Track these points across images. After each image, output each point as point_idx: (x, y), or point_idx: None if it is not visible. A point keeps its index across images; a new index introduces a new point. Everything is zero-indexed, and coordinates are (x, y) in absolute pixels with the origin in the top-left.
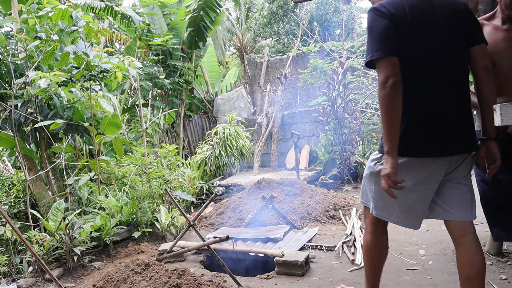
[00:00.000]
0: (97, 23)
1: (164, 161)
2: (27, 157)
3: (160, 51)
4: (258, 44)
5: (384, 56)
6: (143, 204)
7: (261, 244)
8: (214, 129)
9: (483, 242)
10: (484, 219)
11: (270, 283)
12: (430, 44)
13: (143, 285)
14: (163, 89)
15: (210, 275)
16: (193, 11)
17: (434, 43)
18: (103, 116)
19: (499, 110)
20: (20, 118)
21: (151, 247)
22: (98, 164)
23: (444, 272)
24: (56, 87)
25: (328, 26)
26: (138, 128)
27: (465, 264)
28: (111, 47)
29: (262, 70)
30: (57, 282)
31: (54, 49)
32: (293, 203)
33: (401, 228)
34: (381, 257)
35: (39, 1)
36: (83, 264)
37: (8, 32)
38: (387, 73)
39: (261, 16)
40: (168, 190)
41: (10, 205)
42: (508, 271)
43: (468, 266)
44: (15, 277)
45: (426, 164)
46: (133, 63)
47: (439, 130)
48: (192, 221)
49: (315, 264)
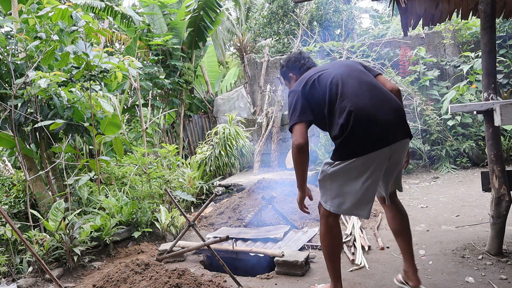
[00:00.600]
0: (97, 23)
1: (164, 161)
2: (27, 157)
3: (160, 51)
4: (258, 44)
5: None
6: (143, 204)
7: (261, 244)
8: (214, 129)
9: (483, 242)
10: (484, 219)
11: (270, 283)
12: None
13: (143, 285)
14: (163, 89)
15: (210, 275)
16: (193, 11)
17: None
18: (103, 116)
19: (499, 110)
20: (20, 118)
21: (151, 247)
22: (98, 164)
23: (444, 272)
24: (56, 87)
25: (328, 26)
26: (138, 128)
27: (392, 218)
28: (111, 47)
29: (262, 70)
30: (57, 282)
31: (54, 49)
32: (293, 203)
33: None
34: (335, 245)
35: (39, 1)
36: (83, 264)
37: (8, 32)
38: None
39: (261, 16)
40: (168, 190)
41: (10, 205)
42: (508, 271)
43: (396, 220)
44: (15, 277)
45: (372, 158)
46: (133, 63)
47: (375, 129)
48: (192, 221)
49: (315, 264)
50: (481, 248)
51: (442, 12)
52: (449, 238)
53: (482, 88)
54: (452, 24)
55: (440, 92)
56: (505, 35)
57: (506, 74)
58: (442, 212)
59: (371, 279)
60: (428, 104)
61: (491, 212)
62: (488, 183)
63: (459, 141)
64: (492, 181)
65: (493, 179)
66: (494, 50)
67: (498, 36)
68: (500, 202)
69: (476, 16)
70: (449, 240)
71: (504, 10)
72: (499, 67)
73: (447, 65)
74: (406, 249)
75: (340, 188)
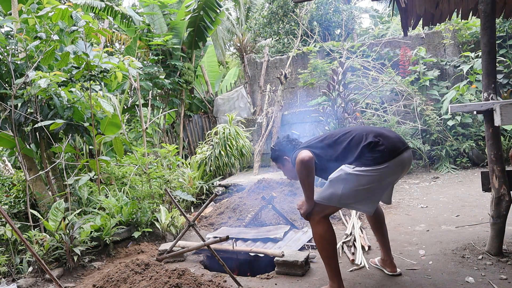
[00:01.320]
0: (97, 23)
1: (164, 161)
2: (27, 157)
3: (160, 51)
4: (258, 44)
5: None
6: (143, 204)
7: (261, 244)
8: (214, 129)
9: (483, 242)
10: (484, 219)
11: (270, 283)
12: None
13: (143, 285)
14: (163, 89)
15: (210, 275)
16: (193, 11)
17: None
18: (103, 116)
19: (499, 110)
20: (20, 118)
21: (151, 247)
22: (98, 164)
23: (444, 272)
24: (56, 87)
25: (328, 26)
26: (138, 128)
27: (376, 216)
28: (111, 47)
29: (262, 70)
30: (57, 282)
31: (54, 49)
32: (293, 203)
33: (401, 229)
34: (331, 247)
35: (39, 1)
36: (83, 264)
37: (8, 32)
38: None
39: (261, 16)
40: (168, 190)
41: (10, 205)
42: (508, 271)
43: (374, 217)
44: (15, 277)
45: (396, 162)
46: (133, 63)
47: (393, 142)
48: (192, 221)
49: (315, 264)
50: (481, 248)
51: (442, 12)
52: (449, 238)
53: (482, 88)
54: (452, 24)
55: (440, 92)
56: (505, 35)
57: (506, 74)
58: (442, 212)
59: (371, 279)
60: (428, 104)
61: (491, 212)
62: (488, 183)
63: (459, 141)
64: (492, 181)
65: (493, 179)
66: (494, 50)
67: (498, 36)
68: (500, 202)
69: (476, 16)
70: (449, 240)
71: (504, 10)
72: (499, 67)
73: (447, 65)
74: (383, 241)
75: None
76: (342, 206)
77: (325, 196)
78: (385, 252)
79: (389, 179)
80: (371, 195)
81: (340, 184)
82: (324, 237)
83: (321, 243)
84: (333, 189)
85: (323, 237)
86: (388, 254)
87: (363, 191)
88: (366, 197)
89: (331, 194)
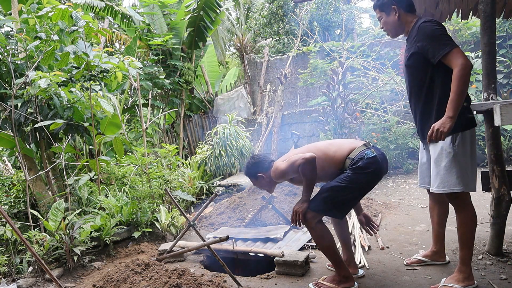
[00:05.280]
0: (97, 23)
1: (164, 161)
2: (27, 157)
3: (160, 51)
4: (258, 44)
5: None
6: (143, 204)
7: (261, 244)
8: (214, 129)
9: (483, 242)
10: (484, 219)
11: (270, 283)
12: None
13: (143, 285)
14: (163, 89)
15: (210, 275)
16: (193, 11)
17: None
18: (103, 116)
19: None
20: (20, 118)
21: (151, 247)
22: (98, 164)
23: (444, 272)
24: (56, 87)
25: (328, 26)
26: (138, 128)
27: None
28: (111, 47)
29: (262, 70)
30: (57, 282)
31: (54, 49)
32: (293, 203)
33: (401, 228)
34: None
35: (39, 1)
36: (83, 264)
37: (8, 32)
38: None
39: (261, 16)
40: (168, 190)
41: (10, 205)
42: (508, 271)
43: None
44: (15, 277)
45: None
46: (133, 63)
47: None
48: (192, 221)
49: (315, 264)
50: (481, 248)
51: (442, 12)
52: (449, 238)
53: (482, 88)
54: (452, 24)
55: None
56: (505, 35)
57: (506, 74)
58: None
59: (371, 279)
60: None
61: (491, 212)
62: (488, 183)
63: None
64: (492, 181)
65: (493, 179)
66: (494, 50)
67: (498, 36)
68: (500, 202)
69: (476, 16)
70: (449, 240)
71: (504, 10)
72: (499, 67)
73: None
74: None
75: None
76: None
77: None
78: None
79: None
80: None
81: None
82: (321, 239)
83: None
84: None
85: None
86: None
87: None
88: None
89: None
